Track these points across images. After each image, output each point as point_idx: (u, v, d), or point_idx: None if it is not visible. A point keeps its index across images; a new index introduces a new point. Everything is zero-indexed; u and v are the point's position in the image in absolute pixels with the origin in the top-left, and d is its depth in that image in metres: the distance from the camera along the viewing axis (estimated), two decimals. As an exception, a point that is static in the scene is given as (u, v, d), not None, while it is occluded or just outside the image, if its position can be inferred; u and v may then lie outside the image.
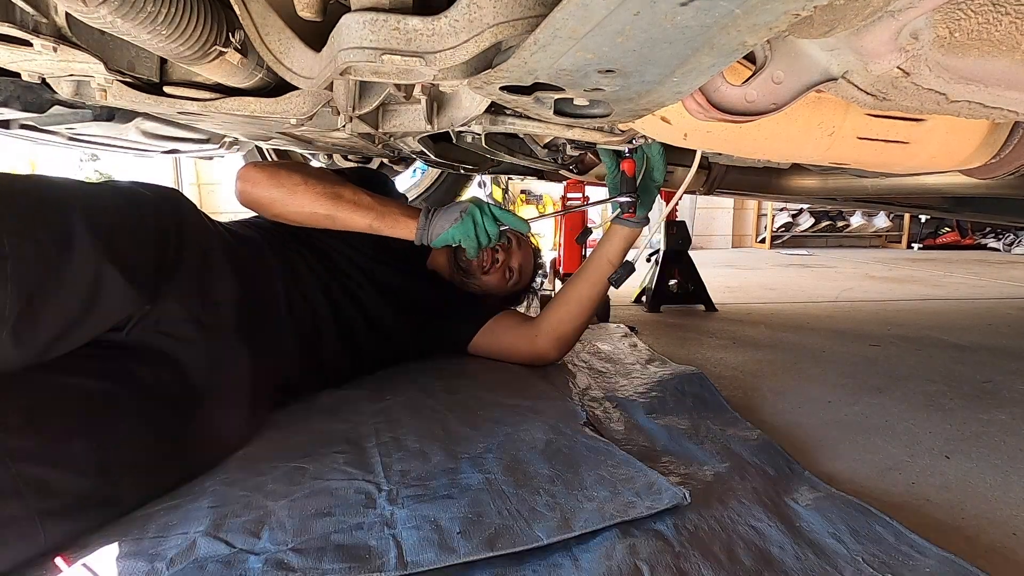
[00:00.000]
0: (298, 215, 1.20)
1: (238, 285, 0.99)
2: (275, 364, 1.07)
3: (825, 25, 0.47)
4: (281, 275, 1.13)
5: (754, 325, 2.21)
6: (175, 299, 0.87)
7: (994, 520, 0.85)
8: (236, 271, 1.00)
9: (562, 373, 1.43)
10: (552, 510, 0.77)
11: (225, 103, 0.80)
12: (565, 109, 0.65)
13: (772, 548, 0.73)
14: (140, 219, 0.85)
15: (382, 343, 1.34)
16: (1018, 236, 6.50)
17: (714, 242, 6.87)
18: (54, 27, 0.63)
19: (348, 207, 1.20)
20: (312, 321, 1.18)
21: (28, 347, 0.70)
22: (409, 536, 0.70)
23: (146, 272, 0.82)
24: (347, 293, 1.26)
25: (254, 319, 1.01)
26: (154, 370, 0.84)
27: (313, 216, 1.20)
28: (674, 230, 2.54)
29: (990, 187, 1.16)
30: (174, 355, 0.87)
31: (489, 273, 1.47)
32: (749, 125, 0.73)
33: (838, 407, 1.30)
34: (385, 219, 1.21)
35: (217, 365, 0.91)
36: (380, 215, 1.21)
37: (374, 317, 1.30)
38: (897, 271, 4.31)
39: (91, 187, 0.86)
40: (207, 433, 0.88)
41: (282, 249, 1.18)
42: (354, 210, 1.20)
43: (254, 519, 0.74)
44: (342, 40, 0.55)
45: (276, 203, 1.19)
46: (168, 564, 0.65)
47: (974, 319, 2.44)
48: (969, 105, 0.57)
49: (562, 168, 1.55)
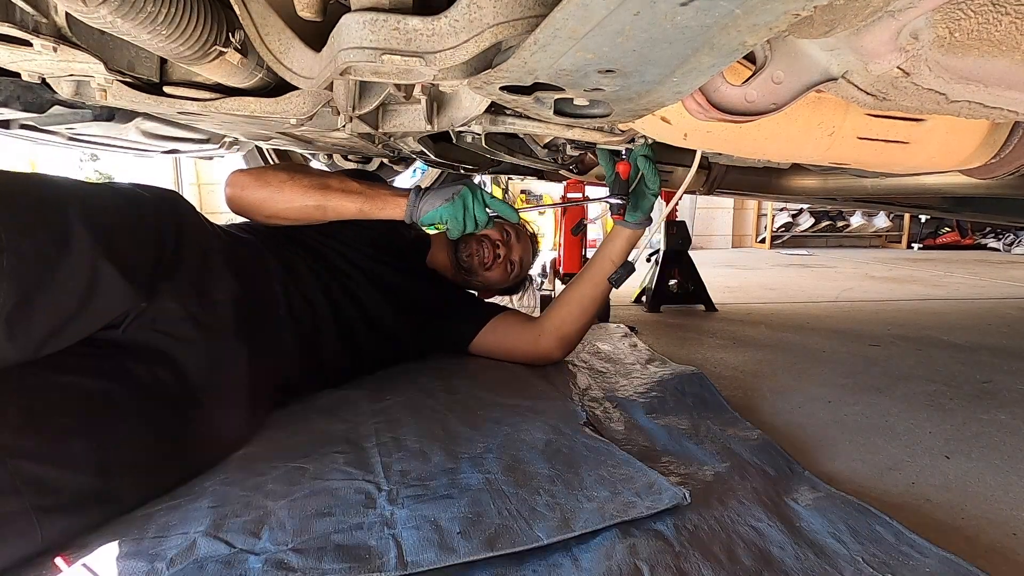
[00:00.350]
0: (288, 211, 1.20)
1: (237, 285, 0.99)
2: (275, 364, 1.07)
3: (825, 25, 0.47)
4: (280, 275, 1.13)
5: (754, 325, 2.21)
6: (173, 298, 0.87)
7: (994, 520, 0.85)
8: (235, 271, 1.00)
9: (562, 373, 1.43)
10: (552, 510, 0.77)
11: (225, 103, 0.79)
12: (565, 109, 0.65)
13: (772, 548, 0.73)
14: (139, 218, 0.85)
15: (382, 343, 1.34)
16: (1018, 236, 6.50)
17: (714, 242, 6.87)
18: (54, 27, 0.63)
19: (336, 195, 1.21)
20: (312, 321, 1.17)
21: (23, 341, 0.70)
22: (409, 536, 0.70)
23: (144, 270, 0.82)
24: (347, 293, 1.26)
25: (253, 319, 1.01)
26: (152, 369, 0.84)
27: (304, 209, 1.20)
28: (674, 230, 2.54)
29: (990, 187, 1.16)
30: (172, 354, 0.87)
31: (491, 269, 1.48)
32: (749, 125, 0.73)
33: (838, 407, 1.30)
34: (375, 201, 1.22)
35: (216, 365, 0.91)
36: (369, 198, 1.22)
37: (374, 317, 1.30)
38: (897, 271, 4.31)
39: (90, 187, 0.86)
40: (207, 433, 0.88)
41: (280, 250, 1.18)
42: (343, 197, 1.21)
43: (254, 519, 0.74)
44: (342, 40, 0.55)
45: (266, 202, 1.20)
46: (168, 564, 0.65)
47: (974, 319, 2.44)
48: (969, 105, 0.57)
49: (562, 168, 1.55)
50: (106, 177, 5.58)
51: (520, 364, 1.42)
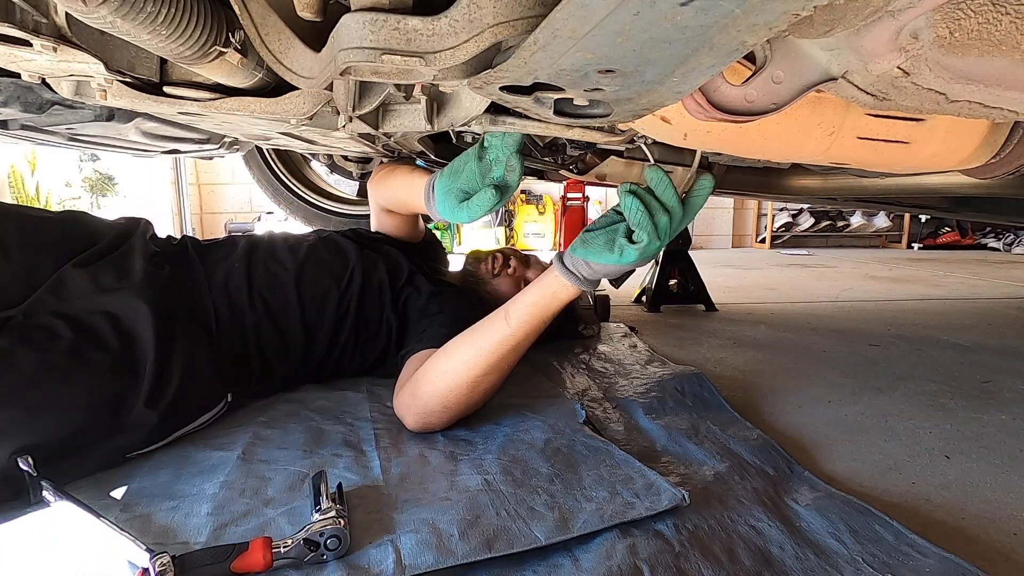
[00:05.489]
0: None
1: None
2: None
3: (825, 25, 0.47)
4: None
5: (754, 325, 2.21)
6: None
7: (994, 520, 0.85)
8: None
9: (562, 373, 1.43)
10: (551, 510, 0.77)
11: (225, 103, 0.79)
12: (565, 109, 0.65)
13: (772, 548, 0.73)
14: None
15: (370, 342, 1.31)
16: (1018, 236, 6.50)
17: (714, 242, 6.87)
18: (54, 27, 0.63)
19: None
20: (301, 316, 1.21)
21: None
22: (407, 540, 0.70)
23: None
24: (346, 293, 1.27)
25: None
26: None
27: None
28: (674, 230, 2.54)
29: (990, 187, 1.16)
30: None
31: (499, 276, 1.47)
32: (749, 125, 0.73)
33: (838, 407, 1.30)
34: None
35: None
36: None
37: (369, 318, 1.30)
38: (897, 271, 4.30)
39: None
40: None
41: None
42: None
43: (255, 528, 0.74)
44: (342, 40, 0.55)
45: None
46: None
47: (974, 319, 2.44)
48: (969, 105, 0.57)
49: (562, 168, 1.55)
50: (106, 177, 5.58)
51: (519, 363, 1.40)
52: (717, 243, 6.88)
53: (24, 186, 4.84)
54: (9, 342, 0.84)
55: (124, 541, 0.65)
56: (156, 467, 0.90)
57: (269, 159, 2.57)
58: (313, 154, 2.29)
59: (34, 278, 0.95)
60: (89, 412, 0.85)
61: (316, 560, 0.67)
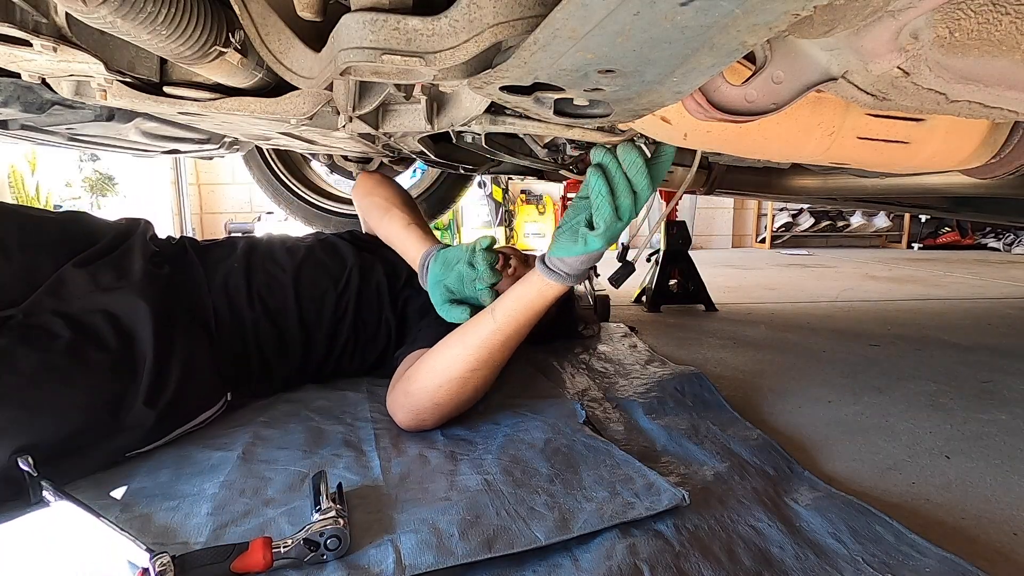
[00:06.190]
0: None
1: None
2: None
3: (825, 25, 0.47)
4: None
5: (754, 325, 2.21)
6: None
7: (994, 520, 0.85)
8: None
9: (562, 373, 1.43)
10: (551, 510, 0.77)
11: (225, 103, 0.79)
12: (565, 109, 0.65)
13: (772, 548, 0.73)
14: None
15: (369, 343, 1.32)
16: (1018, 236, 6.50)
17: (714, 242, 6.87)
18: (54, 27, 0.63)
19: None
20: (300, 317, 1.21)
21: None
22: (407, 540, 0.70)
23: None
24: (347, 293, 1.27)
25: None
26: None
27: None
28: (674, 230, 2.54)
29: (990, 187, 1.16)
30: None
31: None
32: (749, 125, 0.73)
33: (838, 407, 1.30)
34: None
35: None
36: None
37: (367, 319, 1.30)
38: (897, 271, 4.30)
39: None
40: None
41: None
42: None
43: (255, 528, 0.74)
44: (342, 40, 0.55)
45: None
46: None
47: (974, 319, 2.44)
48: (969, 105, 0.57)
49: (562, 168, 1.55)
50: (106, 177, 5.58)
51: (519, 363, 1.41)
52: (717, 243, 6.88)
53: (24, 186, 4.85)
54: (9, 342, 0.84)
55: (124, 541, 0.65)
56: (156, 467, 0.90)
57: (269, 159, 2.57)
58: (313, 154, 2.29)
59: (34, 278, 0.95)
60: (89, 412, 0.85)
61: (316, 560, 0.67)
